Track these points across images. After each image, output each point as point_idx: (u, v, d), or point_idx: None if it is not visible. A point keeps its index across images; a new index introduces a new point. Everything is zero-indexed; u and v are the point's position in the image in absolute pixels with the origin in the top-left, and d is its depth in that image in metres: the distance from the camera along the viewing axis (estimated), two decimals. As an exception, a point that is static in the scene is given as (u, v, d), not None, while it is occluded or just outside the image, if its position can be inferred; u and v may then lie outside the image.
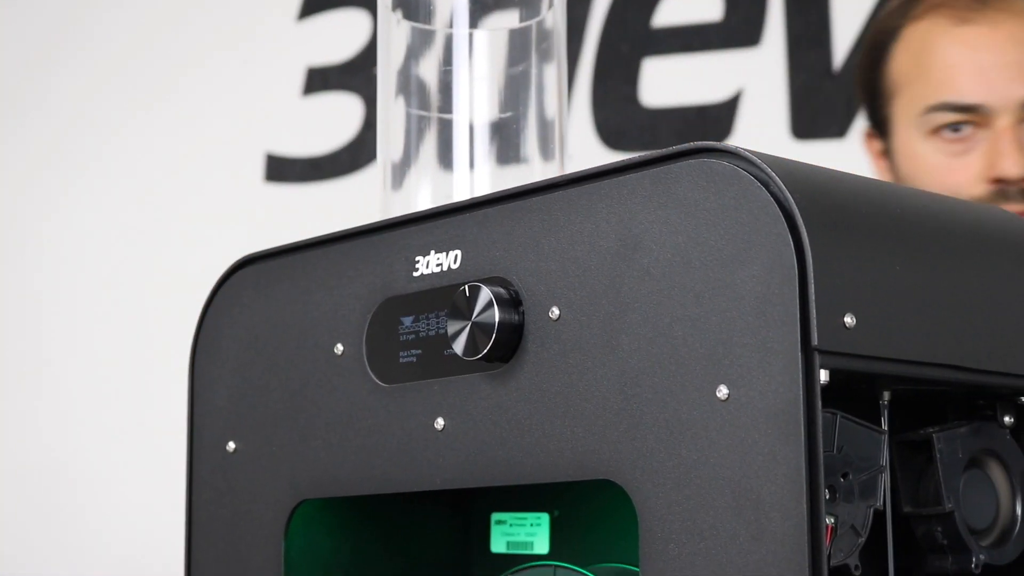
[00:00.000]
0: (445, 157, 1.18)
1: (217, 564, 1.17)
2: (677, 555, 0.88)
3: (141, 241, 2.36)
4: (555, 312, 0.96)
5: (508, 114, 1.19)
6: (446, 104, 1.18)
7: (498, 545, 1.20)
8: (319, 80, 2.28)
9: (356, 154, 2.19)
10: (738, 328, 0.87)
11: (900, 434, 0.97)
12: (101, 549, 2.24)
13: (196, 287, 2.16)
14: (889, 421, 0.96)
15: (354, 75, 2.21)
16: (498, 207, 1.01)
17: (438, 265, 1.03)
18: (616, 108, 1.99)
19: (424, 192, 1.18)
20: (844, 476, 0.89)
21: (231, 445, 1.16)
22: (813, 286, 0.84)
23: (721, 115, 2.04)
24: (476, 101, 1.19)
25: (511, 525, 1.20)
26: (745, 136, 2.04)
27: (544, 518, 1.18)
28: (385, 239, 1.08)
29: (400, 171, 1.18)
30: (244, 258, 1.18)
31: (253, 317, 1.17)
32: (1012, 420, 0.99)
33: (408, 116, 1.19)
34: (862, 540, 0.90)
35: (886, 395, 0.96)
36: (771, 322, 0.85)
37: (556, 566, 1.08)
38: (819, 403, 0.84)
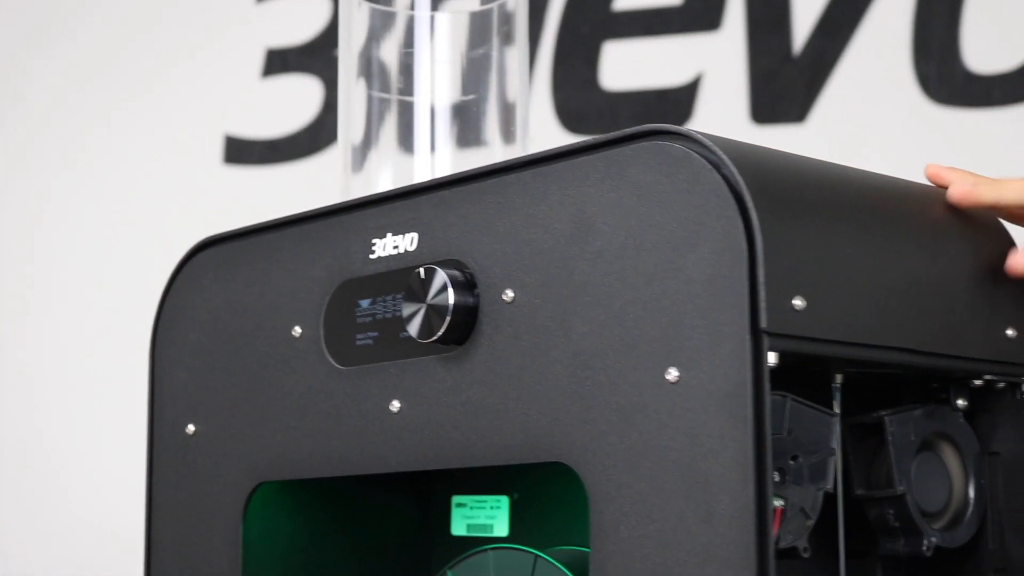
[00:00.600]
0: (406, 140, 1.18)
1: (177, 546, 1.17)
2: (627, 537, 0.89)
3: (99, 222, 2.34)
4: (509, 295, 0.96)
5: (469, 97, 1.19)
6: (407, 87, 1.18)
7: (458, 528, 1.21)
8: (278, 62, 2.26)
9: (315, 136, 2.18)
10: (688, 311, 0.87)
11: (853, 417, 0.97)
12: (66, 532, 2.23)
13: (154, 269, 2.14)
14: (842, 404, 0.97)
15: (313, 57, 2.19)
16: (454, 189, 1.01)
17: (395, 247, 1.03)
18: (576, 91, 1.98)
19: (385, 175, 1.18)
20: (794, 459, 0.89)
21: (191, 427, 1.16)
22: (762, 269, 0.84)
23: (681, 99, 2.04)
24: (437, 84, 1.19)
25: (471, 508, 1.20)
26: (705, 120, 2.04)
27: (504, 501, 1.18)
28: (342, 222, 1.08)
29: (361, 153, 1.18)
30: (204, 240, 1.18)
31: (213, 299, 1.17)
32: (965, 403, 0.99)
33: (369, 98, 1.18)
34: (811, 522, 0.90)
35: (839, 378, 0.96)
36: (720, 304, 0.85)
37: (496, 548, 1.08)
38: (767, 386, 0.84)
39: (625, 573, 0.88)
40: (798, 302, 0.86)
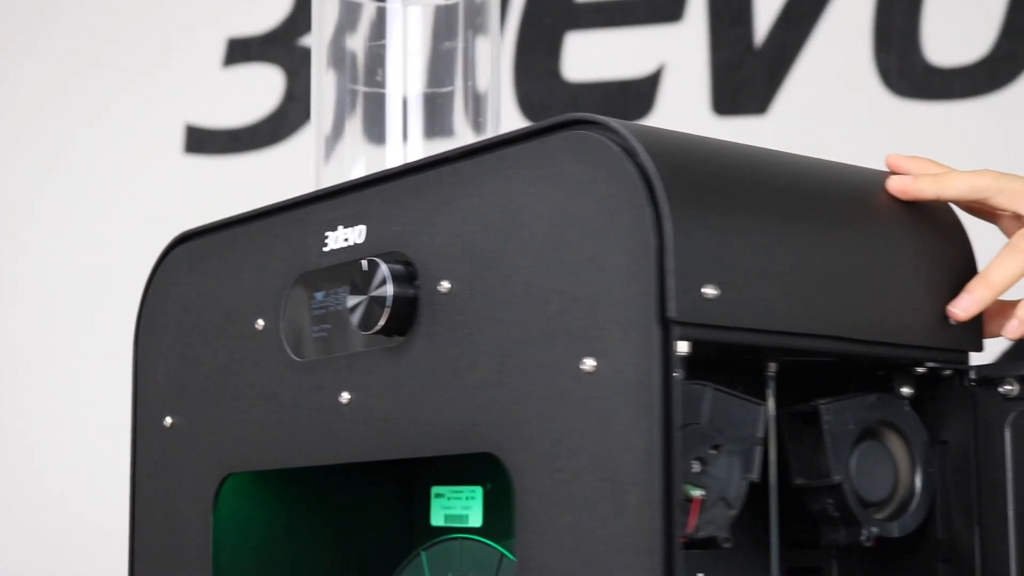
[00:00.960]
0: (378, 130, 1.19)
1: (156, 538, 1.19)
2: (548, 528, 0.89)
3: (59, 213, 2.35)
4: (445, 286, 0.96)
5: (442, 89, 1.19)
6: (379, 78, 1.19)
7: (437, 518, 1.21)
8: (240, 51, 2.26)
9: (277, 126, 2.18)
10: (603, 301, 0.86)
11: (791, 406, 0.96)
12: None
13: (116, 259, 2.16)
14: (776, 393, 0.96)
15: (275, 47, 2.20)
16: (397, 182, 1.01)
17: (345, 240, 1.04)
18: (538, 82, 1.98)
19: (357, 166, 1.19)
20: (716, 448, 0.89)
21: (168, 420, 1.18)
22: (671, 258, 0.84)
23: (643, 90, 2.03)
24: (409, 75, 1.19)
25: (448, 499, 1.21)
26: (666, 111, 2.04)
27: (478, 491, 1.18)
28: (300, 215, 1.09)
29: (333, 144, 1.19)
30: (181, 235, 1.20)
31: (188, 294, 1.18)
32: (911, 391, 0.98)
33: (341, 89, 1.19)
34: (734, 513, 0.89)
35: (772, 367, 0.96)
36: (631, 294, 0.85)
37: (468, 539, 1.09)
38: (675, 374, 0.83)
39: (546, 564, 0.88)
40: (710, 290, 0.85)
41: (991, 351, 1.00)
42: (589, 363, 0.87)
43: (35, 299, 2.30)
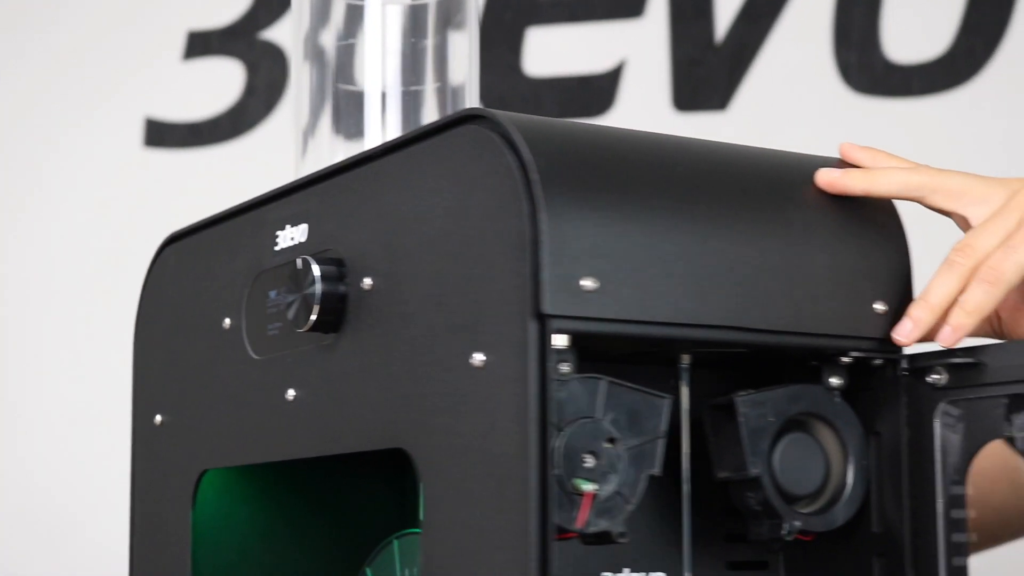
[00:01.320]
0: (355, 126, 1.20)
1: (147, 535, 1.22)
2: (448, 523, 0.89)
3: (16, 207, 2.34)
4: (367, 283, 0.97)
5: (419, 86, 1.20)
6: (356, 74, 1.20)
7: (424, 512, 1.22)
8: (200, 45, 2.25)
9: (237, 120, 2.18)
10: (488, 296, 0.86)
11: (713, 399, 0.95)
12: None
13: (77, 253, 2.17)
14: (690, 385, 0.95)
15: (235, 40, 2.19)
16: (331, 180, 1.02)
17: (291, 239, 1.06)
18: (499, 77, 1.96)
19: (334, 162, 1.20)
20: (611, 442, 0.88)
21: (158, 418, 1.21)
22: (545, 251, 0.83)
23: (603, 86, 2.00)
24: (387, 71, 1.20)
25: (434, 493, 1.21)
26: (627, 107, 2.01)
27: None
28: (259, 214, 1.10)
29: (309, 139, 1.20)
30: (171, 235, 1.23)
31: (174, 294, 1.21)
32: (840, 382, 0.95)
33: (318, 85, 1.21)
34: (631, 507, 0.88)
35: (685, 359, 0.94)
36: (510, 289, 0.85)
37: (400, 536, 1.09)
38: (551, 368, 0.83)
39: (445, 558, 0.89)
40: (588, 283, 0.84)
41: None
42: (479, 358, 0.87)
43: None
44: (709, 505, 0.97)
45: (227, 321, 1.12)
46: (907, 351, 0.95)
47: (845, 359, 0.94)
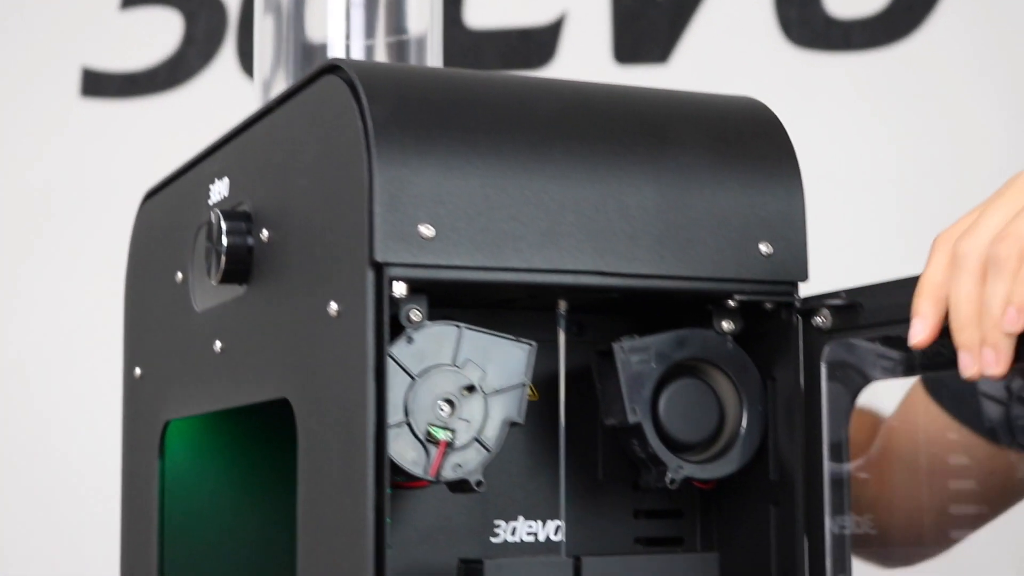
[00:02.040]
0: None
1: (129, 486, 1.25)
2: (310, 469, 0.89)
3: None
4: (265, 235, 0.98)
5: (380, 38, 1.20)
6: (317, 27, 1.20)
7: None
8: None
9: (175, 70, 2.13)
10: (340, 245, 0.87)
11: (599, 345, 0.93)
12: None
13: (15, 203, 2.10)
14: (567, 332, 0.94)
15: None
16: (244, 135, 1.03)
17: (219, 193, 1.07)
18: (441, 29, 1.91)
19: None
20: (469, 389, 0.87)
21: (137, 371, 1.24)
22: (378, 200, 0.83)
23: (544, 39, 1.94)
24: (352, 23, 1.20)
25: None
26: (568, 60, 1.95)
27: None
28: (200, 168, 1.12)
29: (267, 93, 1.21)
30: (149, 190, 1.25)
31: (149, 248, 1.23)
32: (732, 326, 0.93)
33: (278, 39, 1.21)
34: (489, 455, 0.87)
35: (562, 305, 0.93)
36: (353, 238, 0.85)
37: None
38: (386, 314, 0.83)
39: (312, 506, 0.89)
40: (426, 230, 0.84)
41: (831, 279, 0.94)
42: (334, 307, 0.87)
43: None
44: (622, 453, 0.95)
45: (179, 275, 1.14)
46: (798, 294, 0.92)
47: (731, 303, 0.92)
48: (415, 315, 0.86)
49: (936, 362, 0.86)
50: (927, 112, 1.90)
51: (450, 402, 0.87)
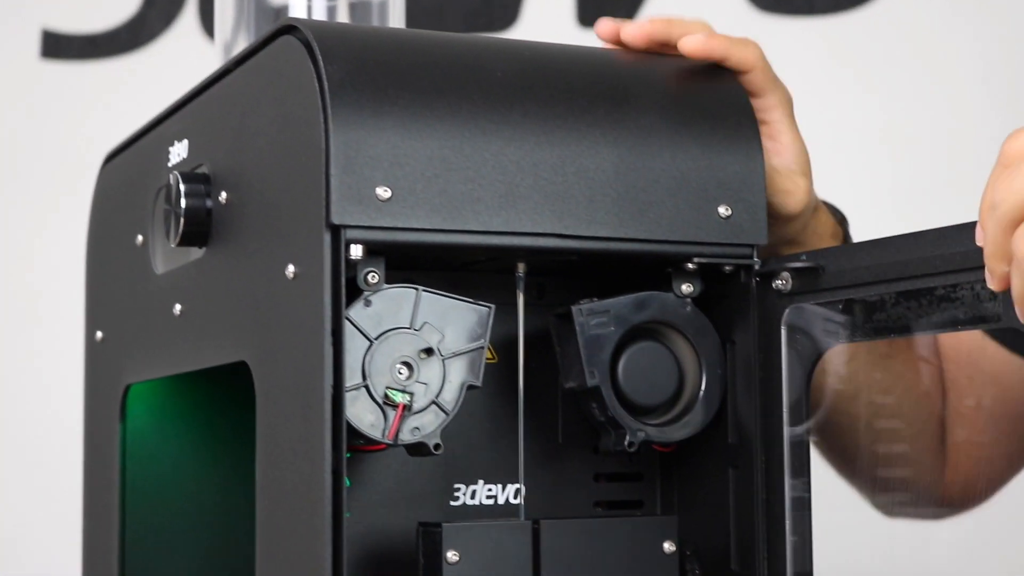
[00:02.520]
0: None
1: (91, 451, 1.24)
2: (266, 433, 0.89)
3: None
4: (223, 197, 0.97)
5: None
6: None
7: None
8: None
9: (136, 32, 2.09)
10: (297, 207, 0.86)
11: (558, 308, 0.93)
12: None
13: None
14: (528, 293, 0.93)
15: None
16: (202, 96, 1.02)
17: (178, 155, 1.06)
18: None
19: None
20: (427, 352, 0.87)
21: (99, 334, 1.23)
22: (334, 162, 0.82)
23: (507, 1, 1.94)
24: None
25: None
26: (531, 22, 1.94)
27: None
28: (159, 130, 1.11)
29: (228, 54, 1.20)
30: (108, 153, 1.24)
31: (109, 212, 1.23)
32: (692, 289, 0.93)
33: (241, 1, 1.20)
34: (447, 418, 0.87)
35: (521, 267, 0.93)
36: (310, 200, 0.84)
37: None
38: (343, 277, 0.82)
39: (270, 466, 0.89)
40: (382, 192, 0.83)
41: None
42: (291, 270, 0.86)
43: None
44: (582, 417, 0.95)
45: (139, 238, 1.13)
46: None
47: (690, 266, 0.91)
48: (373, 278, 0.86)
49: (901, 325, 0.86)
50: (890, 78, 1.89)
51: (408, 365, 0.86)
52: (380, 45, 0.87)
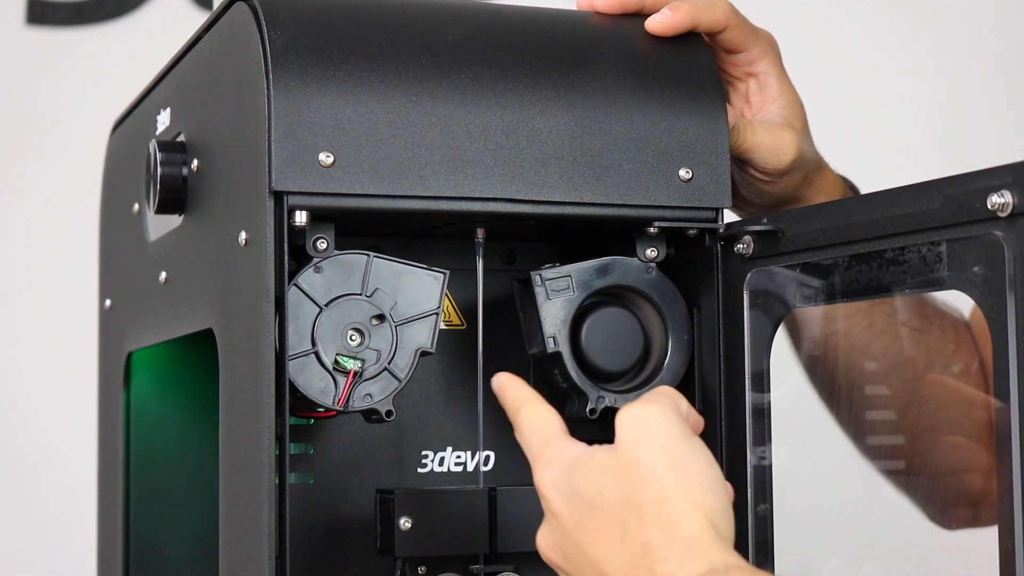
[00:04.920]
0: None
1: (103, 417, 1.26)
2: (229, 400, 0.89)
3: None
4: (195, 165, 0.97)
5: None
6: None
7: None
8: None
9: None
10: (247, 174, 0.86)
11: (521, 274, 0.92)
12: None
13: None
14: (484, 259, 0.93)
15: None
16: (180, 64, 1.03)
17: (163, 123, 1.06)
18: None
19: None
20: (379, 319, 0.86)
21: (108, 302, 1.24)
22: (275, 128, 0.82)
23: None
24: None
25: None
26: None
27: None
28: (150, 97, 1.11)
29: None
30: (117, 120, 1.24)
31: (116, 180, 1.24)
32: (656, 254, 0.91)
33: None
34: (400, 385, 0.87)
35: (480, 233, 0.92)
36: (256, 166, 0.84)
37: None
38: (286, 243, 0.82)
39: (230, 431, 0.89)
40: (325, 158, 0.83)
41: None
42: (243, 237, 0.86)
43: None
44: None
45: (136, 206, 1.14)
46: (723, 220, 0.90)
47: (652, 230, 0.90)
48: (322, 244, 0.85)
49: (856, 288, 0.84)
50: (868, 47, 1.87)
51: (360, 331, 0.86)
52: (328, 10, 0.87)
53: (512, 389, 0.83)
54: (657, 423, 0.75)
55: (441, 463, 0.95)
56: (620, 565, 0.73)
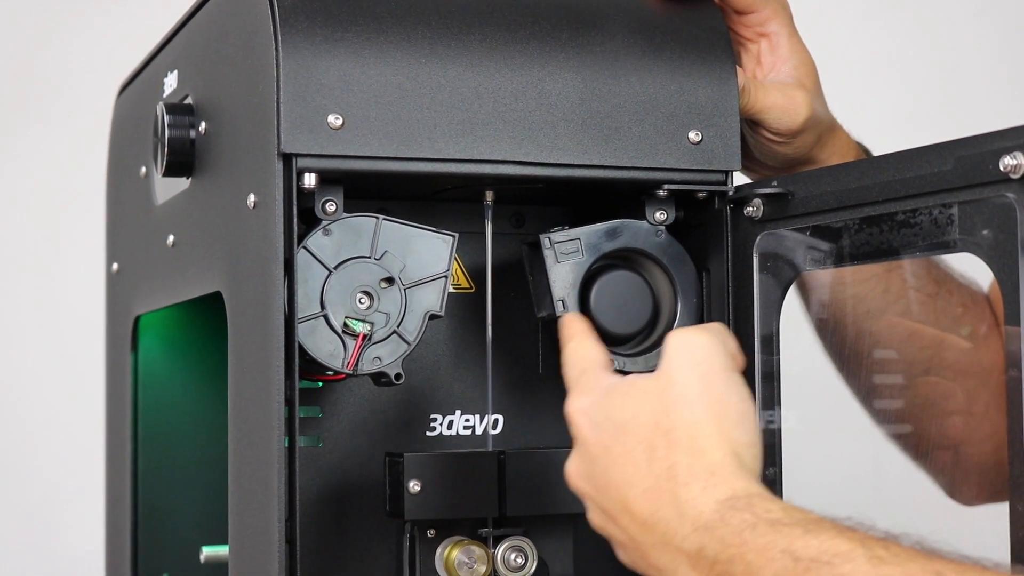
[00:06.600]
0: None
1: (111, 380, 1.26)
2: (240, 356, 0.89)
3: None
4: (203, 127, 0.97)
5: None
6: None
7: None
8: None
9: None
10: (256, 137, 0.86)
11: (531, 237, 0.92)
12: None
13: None
14: (492, 222, 0.92)
15: None
16: (187, 26, 1.02)
17: (170, 86, 1.06)
18: None
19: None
20: (388, 281, 0.86)
21: (115, 266, 1.24)
22: (284, 90, 0.82)
23: None
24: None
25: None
26: None
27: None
28: (157, 59, 1.11)
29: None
30: (123, 83, 1.24)
31: (120, 142, 1.23)
32: (665, 216, 0.91)
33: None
34: (409, 348, 0.86)
35: (489, 195, 0.92)
36: (265, 128, 0.84)
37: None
38: (295, 205, 0.82)
39: (238, 386, 0.89)
40: (334, 120, 0.82)
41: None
42: (252, 199, 0.86)
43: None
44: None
45: (143, 169, 1.14)
46: (733, 183, 0.90)
47: (662, 192, 0.90)
48: (330, 207, 0.85)
49: (866, 252, 0.83)
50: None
51: (369, 294, 0.86)
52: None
53: (569, 325, 0.85)
54: (702, 350, 0.76)
55: (450, 426, 0.95)
56: (644, 488, 0.73)
